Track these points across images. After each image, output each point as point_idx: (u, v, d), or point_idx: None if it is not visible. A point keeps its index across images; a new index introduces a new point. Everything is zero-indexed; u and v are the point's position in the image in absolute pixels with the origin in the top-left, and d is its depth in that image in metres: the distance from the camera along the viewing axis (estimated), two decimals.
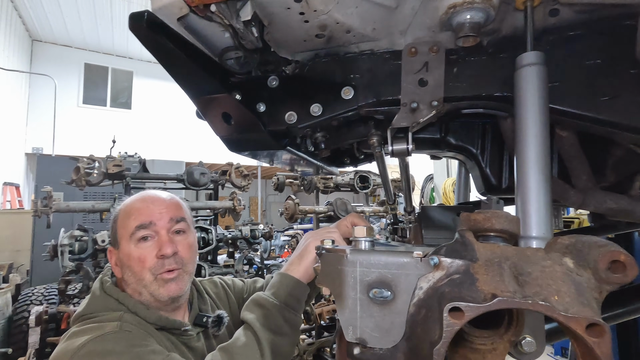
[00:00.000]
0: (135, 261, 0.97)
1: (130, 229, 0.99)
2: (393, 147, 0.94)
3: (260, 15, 0.79)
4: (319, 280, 0.52)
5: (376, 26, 0.91)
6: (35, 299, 4.14)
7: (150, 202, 1.04)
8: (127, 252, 0.99)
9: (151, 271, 0.98)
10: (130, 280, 0.99)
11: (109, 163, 3.14)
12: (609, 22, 0.80)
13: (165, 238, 1.00)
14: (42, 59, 11.44)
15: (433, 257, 0.45)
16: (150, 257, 0.98)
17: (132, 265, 0.98)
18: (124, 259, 0.99)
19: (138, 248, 0.98)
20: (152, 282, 0.97)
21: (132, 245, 0.98)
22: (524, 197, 0.71)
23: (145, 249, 0.98)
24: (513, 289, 0.39)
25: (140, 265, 0.97)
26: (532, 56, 0.76)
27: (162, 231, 1.01)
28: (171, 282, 0.99)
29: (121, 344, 0.82)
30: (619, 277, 0.41)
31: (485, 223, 0.50)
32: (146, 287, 0.98)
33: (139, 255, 0.98)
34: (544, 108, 0.73)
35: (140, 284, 0.98)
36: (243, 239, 3.88)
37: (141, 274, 0.97)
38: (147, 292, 0.98)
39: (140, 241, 0.99)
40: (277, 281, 0.90)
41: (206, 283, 1.25)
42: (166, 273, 0.99)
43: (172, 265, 1.00)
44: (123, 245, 1.00)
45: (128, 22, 0.68)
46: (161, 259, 0.99)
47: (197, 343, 1.04)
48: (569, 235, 0.44)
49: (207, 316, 1.09)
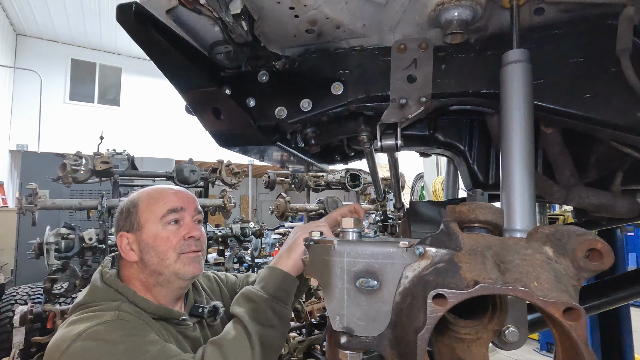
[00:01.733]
0: (162, 240, 1.03)
1: (161, 212, 1.05)
2: (382, 143, 0.95)
3: (250, 9, 0.79)
4: (307, 271, 0.52)
5: (366, 22, 0.91)
6: (20, 299, 4.06)
7: (177, 191, 1.13)
8: (153, 233, 1.04)
9: (176, 250, 1.04)
10: (152, 261, 1.03)
11: (96, 160, 3.09)
12: (591, 21, 0.82)
13: (191, 223, 1.09)
14: (27, 53, 11.17)
15: (418, 246, 0.46)
16: (177, 238, 1.05)
17: (157, 244, 1.03)
18: (149, 240, 1.04)
19: (165, 230, 1.05)
20: (175, 260, 1.03)
21: (160, 227, 1.05)
22: (509, 192, 0.72)
23: (172, 231, 1.05)
24: (495, 276, 0.40)
25: (167, 245, 1.03)
26: (518, 54, 0.78)
27: (188, 217, 1.09)
28: (195, 261, 1.06)
29: (117, 333, 0.83)
30: (596, 265, 0.42)
31: (469, 214, 0.52)
32: (169, 267, 1.03)
33: (167, 235, 1.04)
34: (528, 104, 0.75)
35: (163, 263, 1.02)
36: (233, 236, 3.86)
37: (166, 253, 1.03)
38: (170, 271, 1.03)
39: (170, 224, 1.06)
40: (266, 274, 0.91)
41: (200, 277, 1.27)
42: (191, 253, 1.06)
43: (197, 246, 1.08)
44: (148, 227, 1.05)
45: (115, 13, 0.67)
46: (188, 240, 1.06)
47: (193, 333, 1.07)
48: (549, 225, 0.46)
49: (202, 307, 1.13)
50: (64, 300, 3.45)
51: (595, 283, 1.39)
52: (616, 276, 1.30)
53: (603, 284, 1.38)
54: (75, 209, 3.05)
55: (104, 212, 3.02)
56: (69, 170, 2.94)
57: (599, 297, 1.17)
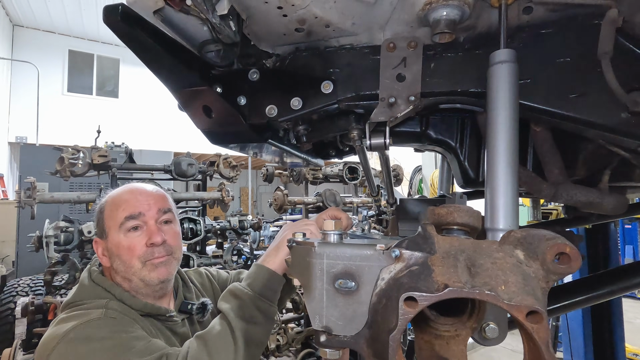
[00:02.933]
0: (124, 250, 1.01)
1: (120, 220, 1.03)
2: (371, 141, 0.96)
3: (238, 9, 0.80)
4: (289, 271, 0.54)
5: (355, 21, 0.91)
6: (21, 290, 4.11)
7: (138, 194, 1.08)
8: (116, 242, 1.02)
9: (140, 259, 1.02)
10: (120, 269, 1.02)
11: (94, 153, 3.10)
12: (579, 20, 0.82)
13: (154, 228, 1.05)
14: (24, 45, 11.09)
15: (395, 249, 0.47)
16: (139, 245, 1.02)
17: (121, 254, 1.02)
18: (113, 248, 1.03)
19: (127, 237, 1.02)
20: (141, 268, 1.02)
21: (122, 235, 1.02)
22: (493, 191, 0.74)
23: (134, 239, 1.02)
24: (465, 280, 0.41)
25: (130, 254, 1.01)
26: (505, 54, 0.78)
27: (151, 221, 1.05)
28: (161, 266, 1.04)
29: (104, 330, 0.86)
30: (564, 268, 0.44)
31: (447, 217, 0.53)
32: (135, 274, 1.02)
33: (128, 244, 1.01)
34: (514, 105, 0.76)
35: (129, 271, 1.02)
36: (232, 229, 3.89)
37: (130, 261, 1.01)
38: (137, 278, 1.02)
39: (130, 231, 1.03)
40: (254, 272, 0.93)
41: (191, 273, 1.29)
42: (155, 259, 1.03)
43: (162, 252, 1.05)
44: (112, 235, 1.03)
45: (102, 15, 0.67)
46: (150, 247, 1.03)
47: (182, 329, 1.08)
48: (521, 229, 0.47)
49: (191, 303, 1.14)
50: (64, 292, 3.50)
51: (589, 277, 1.39)
52: (608, 270, 1.32)
53: (596, 277, 1.40)
54: (74, 203, 3.07)
55: None
56: (67, 164, 2.95)
57: (592, 290, 1.19)
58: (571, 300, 0.98)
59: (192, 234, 3.55)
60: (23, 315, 3.31)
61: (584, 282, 1.30)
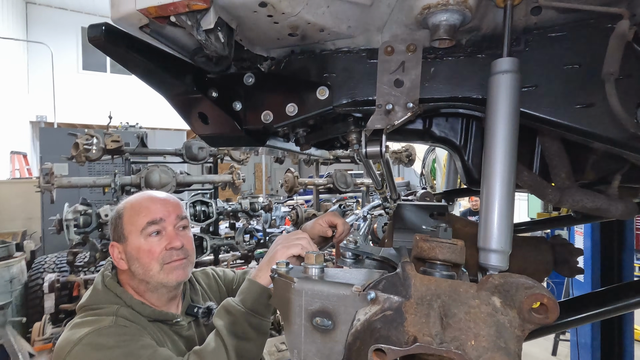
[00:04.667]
0: (144, 253, 1.07)
1: (141, 225, 1.08)
2: (367, 150, 0.94)
3: (226, 20, 0.77)
4: (272, 302, 0.55)
5: (351, 24, 0.87)
6: (48, 267, 4.36)
7: (157, 202, 1.14)
8: (136, 246, 1.08)
9: (159, 261, 1.08)
10: (138, 271, 1.08)
11: (107, 139, 3.16)
12: (591, 24, 0.76)
13: (173, 233, 1.11)
14: (38, 23, 11.14)
15: (371, 292, 0.47)
16: (159, 249, 1.08)
17: (141, 257, 1.07)
18: (133, 252, 1.08)
19: (147, 242, 1.08)
20: (159, 271, 1.08)
21: (142, 239, 1.08)
22: (487, 212, 0.72)
23: (154, 243, 1.08)
24: (435, 332, 0.41)
25: (150, 257, 1.07)
26: (507, 63, 0.74)
27: (170, 227, 1.12)
28: (178, 268, 1.10)
29: (115, 338, 0.91)
30: (541, 318, 0.43)
31: (429, 252, 0.52)
32: (154, 277, 1.08)
33: (149, 247, 1.07)
34: (513, 120, 0.72)
35: (148, 274, 1.07)
36: (243, 211, 3.97)
37: (150, 264, 1.07)
38: (155, 280, 1.08)
39: (151, 236, 1.08)
40: (246, 288, 0.96)
41: (199, 274, 1.34)
42: (174, 262, 1.10)
43: (180, 255, 1.12)
44: (132, 239, 1.08)
45: (87, 34, 0.67)
46: (169, 251, 1.09)
47: (187, 332, 1.14)
48: (500, 274, 0.46)
49: (198, 307, 1.19)
50: (86, 271, 3.69)
51: (601, 291, 1.30)
52: (622, 284, 1.25)
53: (607, 291, 1.28)
54: (90, 187, 3.17)
55: (117, 189, 3.13)
56: (82, 149, 3.03)
57: (603, 305, 1.10)
58: (580, 316, 0.96)
59: (205, 216, 3.63)
60: (50, 291, 3.53)
61: (596, 296, 1.20)
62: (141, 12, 0.64)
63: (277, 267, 0.57)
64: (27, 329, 3.60)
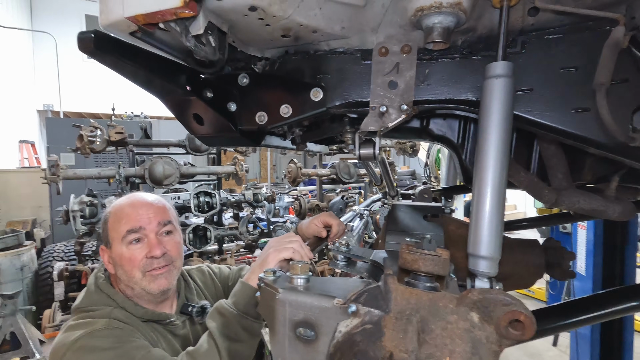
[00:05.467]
0: (126, 261, 1.07)
1: (122, 233, 1.08)
2: (360, 152, 0.94)
3: (217, 24, 0.76)
4: (259, 309, 0.56)
5: (345, 25, 0.86)
6: (57, 256, 4.46)
7: (139, 207, 1.12)
8: (118, 253, 1.08)
9: (140, 270, 1.08)
10: (123, 277, 1.09)
11: (110, 130, 3.19)
12: (589, 26, 0.74)
13: (154, 241, 1.10)
14: (42, 12, 11.10)
15: (352, 305, 0.48)
16: (139, 257, 1.08)
17: (123, 264, 1.08)
18: (116, 258, 1.09)
19: (129, 250, 1.08)
20: (141, 279, 1.08)
21: (124, 247, 1.08)
22: (478, 218, 0.72)
23: (135, 251, 1.08)
24: (411, 348, 0.42)
25: (131, 265, 1.07)
26: (501, 67, 0.72)
27: (151, 234, 1.10)
28: (161, 277, 1.10)
29: (108, 340, 0.93)
30: (517, 335, 0.44)
31: (413, 264, 0.53)
32: (137, 284, 1.09)
33: (129, 256, 1.07)
34: (506, 126, 0.71)
35: (131, 280, 1.09)
36: (246, 202, 4.00)
37: (131, 272, 1.08)
38: (139, 287, 1.09)
39: (132, 243, 1.08)
40: (239, 290, 0.97)
41: (194, 272, 1.36)
42: (154, 270, 1.09)
43: (161, 263, 1.11)
44: (115, 246, 1.09)
45: (77, 43, 0.67)
46: (150, 259, 1.09)
47: (182, 331, 1.16)
48: (479, 290, 0.47)
49: (192, 306, 1.20)
50: (95, 259, 3.78)
51: (601, 294, 1.28)
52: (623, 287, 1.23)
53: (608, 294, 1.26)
54: (95, 178, 3.21)
55: (122, 181, 3.17)
56: (86, 141, 3.06)
57: (603, 308, 1.09)
58: (579, 318, 0.96)
59: (209, 207, 3.67)
60: (59, 279, 3.63)
61: (595, 299, 1.18)
62: (129, 20, 0.64)
63: (264, 275, 0.58)
64: (38, 316, 3.72)
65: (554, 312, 0.95)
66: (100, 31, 0.68)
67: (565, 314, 0.95)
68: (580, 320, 0.96)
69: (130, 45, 0.75)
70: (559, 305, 0.96)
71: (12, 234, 4.73)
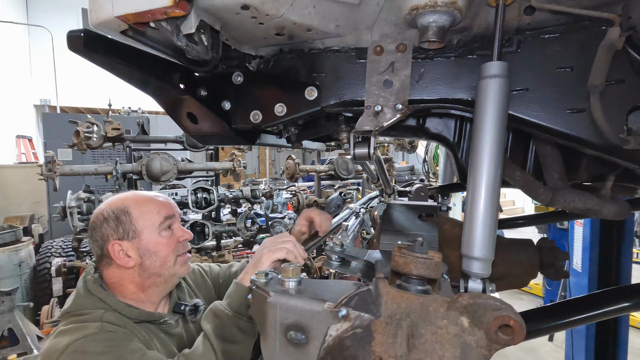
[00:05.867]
0: (164, 246, 1.12)
1: (158, 220, 1.12)
2: (355, 151, 0.93)
3: (209, 22, 0.75)
4: (251, 312, 0.56)
5: (339, 23, 0.85)
6: (55, 251, 4.46)
7: (163, 199, 1.19)
8: (154, 240, 1.11)
9: (174, 253, 1.13)
10: (154, 265, 1.10)
11: (107, 126, 3.17)
12: (585, 26, 0.73)
13: (180, 227, 1.18)
14: (38, 6, 10.99)
15: (342, 309, 0.48)
16: (174, 242, 1.14)
17: (159, 250, 1.11)
18: (150, 246, 1.10)
19: (163, 236, 1.13)
20: (174, 263, 1.13)
21: (158, 234, 1.12)
22: (471, 219, 0.72)
23: (170, 237, 1.14)
24: (401, 353, 0.42)
25: (168, 249, 1.12)
26: (496, 67, 0.72)
27: (177, 223, 1.18)
28: (186, 263, 1.18)
29: (101, 344, 0.91)
30: (507, 340, 0.44)
31: (404, 268, 0.53)
32: (169, 269, 1.13)
33: (167, 241, 1.12)
34: (501, 127, 0.71)
35: (164, 265, 1.12)
36: (244, 198, 3.99)
37: (167, 257, 1.12)
38: (169, 272, 1.13)
39: (166, 230, 1.14)
40: (233, 290, 0.97)
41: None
42: (185, 254, 1.17)
43: (187, 248, 1.19)
44: (147, 234, 1.10)
45: (66, 42, 0.66)
46: (182, 243, 1.16)
47: (175, 329, 1.16)
48: (470, 294, 0.46)
49: (184, 305, 1.21)
50: (91, 257, 3.77)
51: (596, 293, 1.28)
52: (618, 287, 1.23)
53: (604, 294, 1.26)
54: (92, 174, 3.20)
55: (119, 177, 3.15)
56: (82, 137, 3.04)
57: (598, 307, 1.09)
58: (574, 318, 0.97)
59: (206, 203, 3.67)
60: (57, 275, 3.63)
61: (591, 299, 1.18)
62: (119, 19, 0.63)
63: (256, 277, 0.58)
64: (36, 312, 3.72)
65: (549, 312, 0.95)
66: (90, 30, 0.67)
67: (561, 314, 0.96)
68: (576, 320, 0.96)
69: (121, 44, 0.74)
70: (554, 305, 0.96)
71: (9, 230, 4.72)
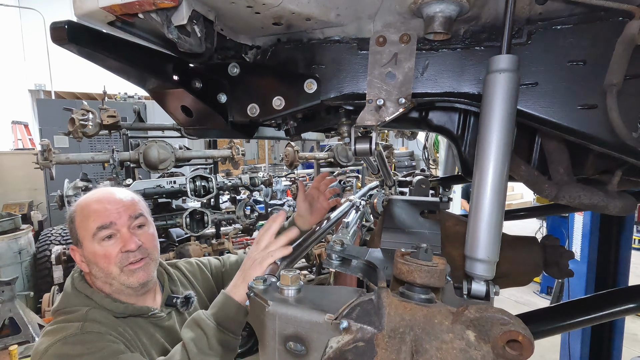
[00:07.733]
0: (101, 258, 1.04)
1: (92, 230, 1.04)
2: (356, 147, 0.90)
3: (202, 12, 0.71)
4: (249, 319, 0.55)
5: (340, 12, 0.81)
6: (54, 239, 4.46)
7: (106, 203, 1.08)
8: (91, 251, 1.05)
9: (117, 265, 1.05)
10: (99, 275, 1.06)
11: (103, 114, 3.11)
12: (600, 16, 0.69)
13: (127, 235, 1.07)
14: None
15: (343, 321, 0.46)
16: (114, 252, 1.05)
17: (98, 261, 1.05)
18: (90, 256, 1.05)
19: (102, 246, 1.04)
20: (119, 274, 1.06)
21: (96, 245, 1.04)
22: (476, 220, 0.69)
23: (109, 247, 1.05)
24: None
25: (107, 262, 1.04)
26: (505, 61, 0.68)
27: (123, 229, 1.07)
28: (139, 270, 1.08)
29: (79, 347, 0.91)
30: (515, 355, 0.42)
31: (408, 276, 0.51)
32: (115, 279, 1.06)
33: (103, 252, 1.04)
34: (509, 124, 0.68)
35: (109, 277, 1.06)
36: (243, 186, 3.97)
37: (108, 268, 1.05)
38: (117, 282, 1.07)
39: (104, 240, 1.05)
40: (220, 302, 0.93)
41: (182, 263, 1.35)
42: (131, 264, 1.07)
43: (138, 256, 1.08)
44: (86, 244, 1.06)
45: (50, 34, 0.62)
46: (126, 253, 1.06)
47: (167, 322, 1.15)
48: (476, 307, 0.44)
49: (176, 297, 1.19)
50: None
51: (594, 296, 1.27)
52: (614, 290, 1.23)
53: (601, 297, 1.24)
54: (89, 163, 3.16)
55: (116, 165, 3.12)
56: (78, 125, 2.99)
57: (595, 311, 1.07)
58: (572, 321, 0.95)
59: (205, 191, 3.64)
60: (57, 263, 3.63)
61: (588, 301, 1.16)
62: (105, 10, 0.59)
63: (254, 284, 0.56)
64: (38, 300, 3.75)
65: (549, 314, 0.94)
66: (74, 21, 0.63)
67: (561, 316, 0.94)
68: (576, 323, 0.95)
69: (109, 35, 0.70)
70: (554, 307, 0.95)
71: (8, 218, 4.71)
